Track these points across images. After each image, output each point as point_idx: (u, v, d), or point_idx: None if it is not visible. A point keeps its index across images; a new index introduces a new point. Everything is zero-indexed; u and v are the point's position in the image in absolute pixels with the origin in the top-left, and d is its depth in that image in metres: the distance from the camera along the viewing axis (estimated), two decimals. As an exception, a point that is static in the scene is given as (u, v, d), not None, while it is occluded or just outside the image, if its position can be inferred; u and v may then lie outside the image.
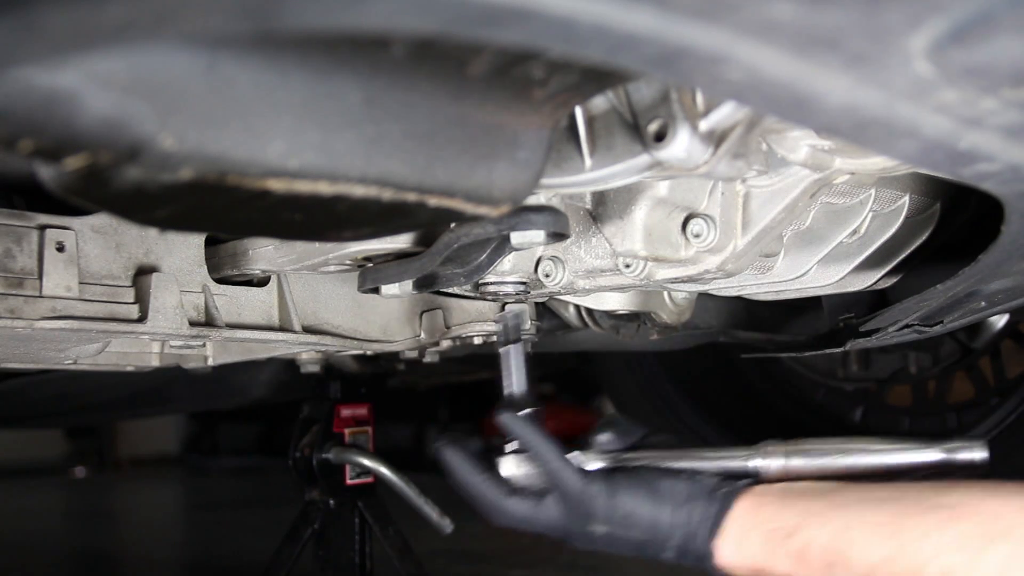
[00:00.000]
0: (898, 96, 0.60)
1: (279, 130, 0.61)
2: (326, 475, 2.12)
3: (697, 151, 0.81)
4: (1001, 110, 0.62)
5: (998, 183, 0.78)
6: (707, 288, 1.28)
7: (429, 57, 0.62)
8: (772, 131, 0.96)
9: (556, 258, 1.18)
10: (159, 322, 1.25)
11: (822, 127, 0.74)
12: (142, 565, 3.49)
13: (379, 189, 0.67)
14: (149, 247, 1.29)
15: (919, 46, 0.54)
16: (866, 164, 1.00)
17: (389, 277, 1.20)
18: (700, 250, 1.09)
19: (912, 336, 1.35)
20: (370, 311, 1.56)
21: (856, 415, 2.61)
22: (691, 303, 1.55)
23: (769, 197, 1.05)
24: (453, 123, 0.69)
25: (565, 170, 0.90)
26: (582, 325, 1.62)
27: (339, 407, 2.16)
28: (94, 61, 0.52)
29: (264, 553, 2.23)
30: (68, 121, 0.52)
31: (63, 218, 1.20)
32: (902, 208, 1.21)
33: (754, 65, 0.55)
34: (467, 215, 0.75)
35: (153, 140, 0.56)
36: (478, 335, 1.55)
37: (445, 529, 2.04)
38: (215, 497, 5.49)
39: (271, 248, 1.30)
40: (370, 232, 0.80)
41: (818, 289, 1.28)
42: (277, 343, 1.46)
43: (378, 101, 0.64)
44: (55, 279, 1.18)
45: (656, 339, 1.70)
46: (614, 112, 0.86)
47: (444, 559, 2.90)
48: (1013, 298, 1.21)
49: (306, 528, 2.15)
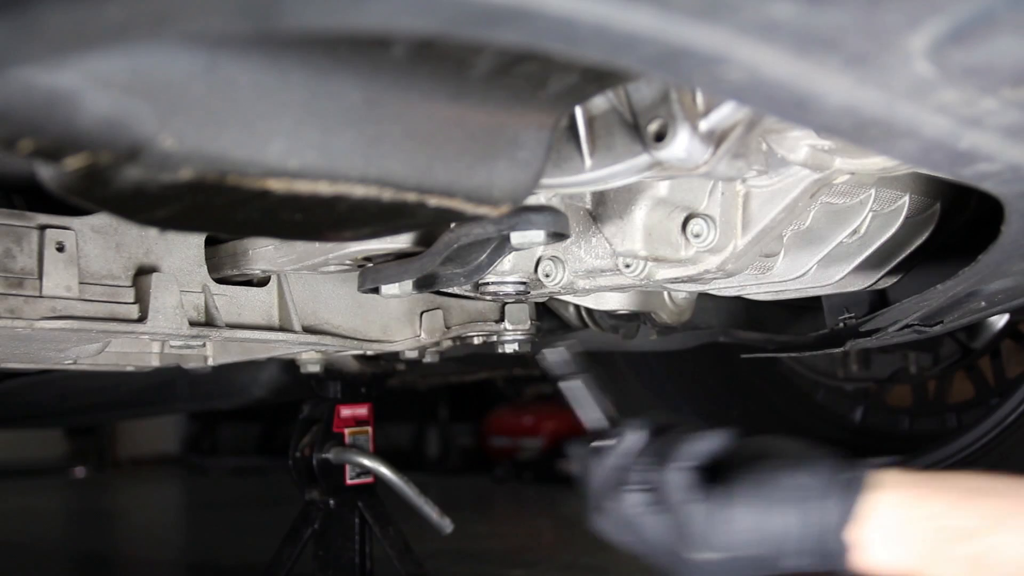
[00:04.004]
0: (898, 96, 0.60)
1: (279, 130, 0.61)
2: (326, 475, 2.12)
3: (697, 151, 0.81)
4: (1001, 110, 0.62)
5: (998, 183, 0.78)
6: (707, 288, 1.28)
7: (429, 57, 0.62)
8: (772, 131, 0.96)
9: (556, 258, 1.18)
10: (159, 322, 1.25)
11: (822, 127, 0.74)
12: (142, 565, 3.49)
13: (379, 189, 0.67)
14: (149, 247, 1.29)
15: (919, 46, 0.54)
16: (866, 164, 1.00)
17: (389, 277, 1.20)
18: (700, 250, 1.08)
19: (912, 336, 1.35)
20: (370, 311, 1.56)
21: (856, 415, 2.61)
22: (691, 303, 1.55)
23: (769, 197, 1.05)
24: (453, 123, 0.69)
25: (565, 170, 0.90)
26: (582, 325, 1.62)
27: (339, 407, 2.16)
28: (94, 61, 0.52)
29: (264, 553, 2.23)
30: (68, 121, 0.52)
31: (63, 218, 1.20)
32: (902, 208, 1.21)
33: (754, 65, 0.55)
34: (467, 215, 0.75)
35: (153, 140, 0.56)
36: (478, 335, 1.55)
37: (445, 529, 2.04)
38: (215, 497, 5.49)
39: (271, 248, 1.30)
40: (370, 232, 0.80)
41: (818, 289, 1.28)
42: (277, 343, 1.46)
43: (378, 101, 0.64)
44: (55, 279, 1.18)
45: (656, 339, 1.71)
46: (614, 112, 0.87)
47: (444, 559, 2.90)
48: (1013, 298, 1.21)
49: (306, 528, 2.15)
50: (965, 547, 0.84)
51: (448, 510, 2.04)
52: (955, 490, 0.88)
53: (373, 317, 1.57)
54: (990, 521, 0.84)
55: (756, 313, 1.94)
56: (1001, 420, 2.07)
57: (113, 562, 3.63)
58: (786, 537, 0.90)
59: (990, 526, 0.84)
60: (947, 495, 0.87)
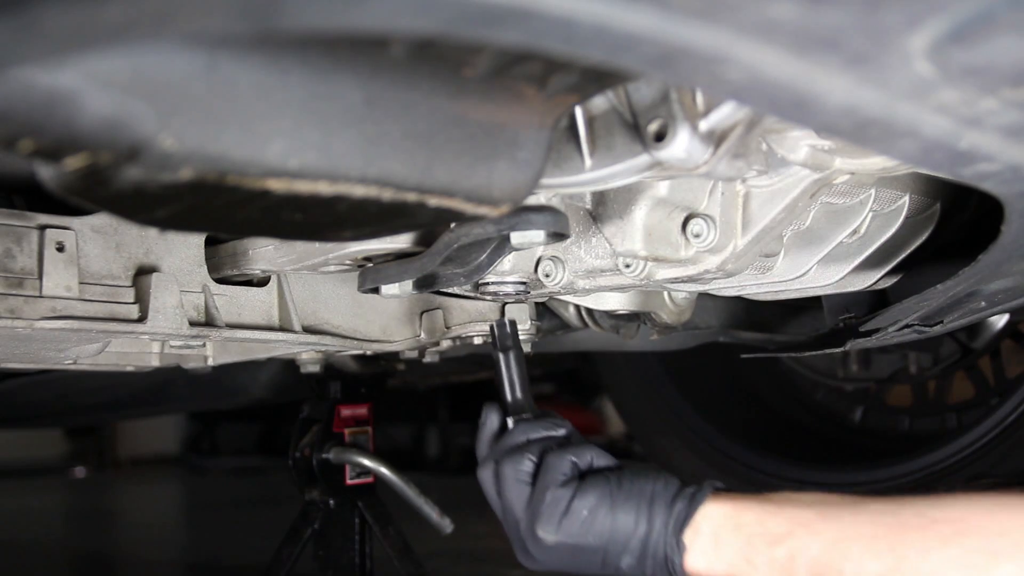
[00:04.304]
0: (898, 96, 0.60)
1: (279, 130, 0.61)
2: (326, 475, 2.12)
3: (697, 151, 0.81)
4: (1001, 110, 0.62)
5: (998, 183, 0.78)
6: (707, 288, 1.28)
7: (429, 57, 0.62)
8: (772, 131, 0.96)
9: (556, 258, 1.18)
10: (159, 322, 1.25)
11: (822, 127, 0.74)
12: (142, 565, 3.49)
13: (379, 189, 0.67)
14: (149, 247, 1.29)
15: (919, 46, 0.54)
16: (866, 164, 1.00)
17: (389, 277, 1.20)
18: (700, 250, 1.08)
19: (912, 336, 1.35)
20: (370, 311, 1.56)
21: (856, 415, 2.61)
22: (691, 303, 1.55)
23: (769, 197, 1.05)
24: (453, 123, 0.69)
25: (565, 170, 0.90)
26: (582, 325, 1.62)
27: (339, 407, 2.16)
28: (94, 61, 0.52)
29: (264, 553, 2.23)
30: (68, 121, 0.52)
31: (63, 218, 1.21)
32: (902, 208, 1.21)
33: (754, 65, 0.55)
34: (467, 215, 0.75)
35: (153, 140, 0.56)
36: (478, 335, 1.55)
37: (445, 529, 2.04)
38: (215, 497, 5.49)
39: (271, 248, 1.30)
40: (370, 232, 0.80)
41: (818, 289, 1.28)
42: (277, 343, 1.46)
43: (378, 101, 0.64)
44: (55, 279, 1.18)
45: (656, 339, 1.70)
46: (614, 112, 0.87)
47: (444, 559, 2.90)
48: (1013, 298, 1.21)
49: (306, 528, 2.15)
50: (773, 552, 0.92)
51: (448, 510, 2.04)
52: (766, 502, 0.97)
53: (373, 317, 1.57)
54: (791, 526, 0.93)
55: (756, 313, 1.94)
56: (1001, 420, 2.07)
57: (113, 562, 3.63)
58: (626, 534, 0.98)
59: (791, 531, 0.92)
60: (758, 507, 0.96)
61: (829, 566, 0.89)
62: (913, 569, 0.85)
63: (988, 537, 0.84)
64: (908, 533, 0.87)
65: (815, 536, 0.91)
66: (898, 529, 0.88)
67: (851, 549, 0.89)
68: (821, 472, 2.25)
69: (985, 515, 0.86)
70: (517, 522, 1.05)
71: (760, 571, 0.94)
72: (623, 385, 2.69)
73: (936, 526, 0.87)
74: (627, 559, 0.99)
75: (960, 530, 0.85)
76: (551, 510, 1.01)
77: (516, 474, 1.06)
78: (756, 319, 1.94)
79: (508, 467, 1.07)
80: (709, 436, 2.49)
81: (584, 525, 1.00)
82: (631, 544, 0.99)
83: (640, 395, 2.64)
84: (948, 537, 0.85)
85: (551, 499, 1.01)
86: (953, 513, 0.88)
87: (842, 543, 0.90)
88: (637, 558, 0.99)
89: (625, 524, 0.99)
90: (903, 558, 0.86)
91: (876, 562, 0.87)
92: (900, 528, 0.88)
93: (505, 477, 1.07)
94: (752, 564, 0.94)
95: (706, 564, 0.97)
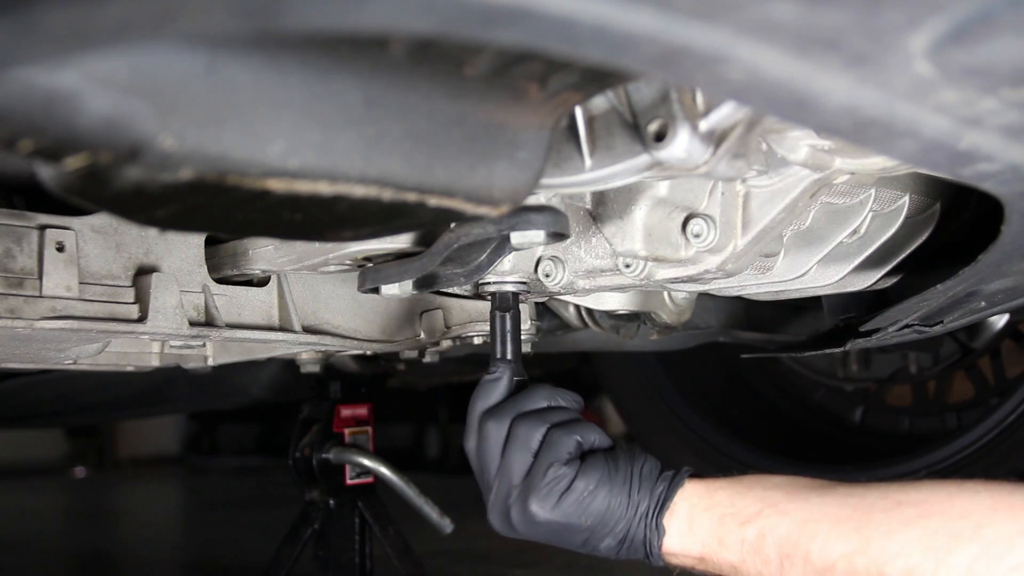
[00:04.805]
0: (898, 96, 0.60)
1: (279, 130, 0.61)
2: (326, 475, 2.12)
3: (697, 151, 0.81)
4: (1001, 110, 0.62)
5: (998, 183, 0.78)
6: (707, 288, 1.28)
7: (429, 57, 0.62)
8: (772, 131, 0.96)
9: (556, 258, 1.18)
10: (159, 322, 1.25)
11: (822, 127, 0.74)
12: (142, 565, 3.49)
13: (379, 189, 0.67)
14: (149, 247, 1.29)
15: (919, 46, 0.54)
16: (866, 164, 1.00)
17: (389, 277, 1.20)
18: (700, 250, 1.08)
19: (912, 336, 1.35)
20: (370, 311, 1.56)
21: (856, 415, 2.61)
22: (691, 303, 1.55)
23: (769, 197, 1.05)
24: (453, 123, 0.69)
25: (565, 170, 0.90)
26: (582, 325, 1.62)
27: (339, 407, 2.16)
28: (94, 61, 0.52)
29: (264, 553, 2.23)
30: (68, 121, 0.52)
31: (63, 218, 1.20)
32: (902, 208, 1.21)
33: (754, 65, 0.55)
34: (467, 215, 0.75)
35: (153, 140, 0.56)
36: (478, 335, 1.55)
37: (445, 529, 2.04)
38: (215, 497, 5.49)
39: (271, 248, 1.30)
40: (370, 232, 0.80)
41: (818, 289, 1.28)
42: (277, 343, 1.46)
43: (378, 101, 0.64)
44: (55, 279, 1.18)
45: (656, 339, 1.71)
46: (614, 112, 0.86)
47: (444, 559, 2.90)
48: (1013, 298, 1.21)
49: (306, 528, 2.15)
50: (743, 531, 0.95)
51: (448, 510, 2.04)
52: (737, 484, 0.99)
53: (373, 317, 1.57)
54: (761, 506, 0.95)
55: (756, 313, 1.94)
56: (1001, 420, 2.07)
57: (113, 562, 3.63)
58: (617, 517, 1.00)
59: (761, 511, 0.95)
60: (730, 488, 0.99)
61: (797, 545, 0.91)
62: (878, 549, 0.87)
63: (950, 520, 0.86)
64: (873, 515, 0.89)
65: (783, 516, 0.93)
66: (864, 511, 0.90)
67: (818, 529, 0.91)
68: (821, 472, 2.24)
69: (947, 499, 0.88)
70: (509, 489, 1.04)
71: (731, 550, 0.96)
72: (623, 385, 2.70)
73: (900, 508, 0.89)
74: (608, 540, 1.01)
75: (924, 512, 0.87)
76: (551, 487, 1.01)
77: (528, 440, 1.04)
78: (756, 319, 1.94)
79: (522, 429, 1.04)
80: (708, 436, 2.49)
81: (581, 505, 1.01)
82: (618, 527, 1.01)
83: (640, 395, 2.64)
84: (912, 519, 0.87)
85: (552, 476, 1.01)
86: (917, 496, 0.89)
87: (810, 523, 0.92)
88: (618, 540, 1.01)
89: (618, 507, 1.01)
90: (868, 539, 0.88)
91: (842, 542, 0.89)
92: (866, 510, 0.90)
93: (516, 438, 1.04)
94: (723, 544, 0.96)
95: (680, 545, 0.99)
